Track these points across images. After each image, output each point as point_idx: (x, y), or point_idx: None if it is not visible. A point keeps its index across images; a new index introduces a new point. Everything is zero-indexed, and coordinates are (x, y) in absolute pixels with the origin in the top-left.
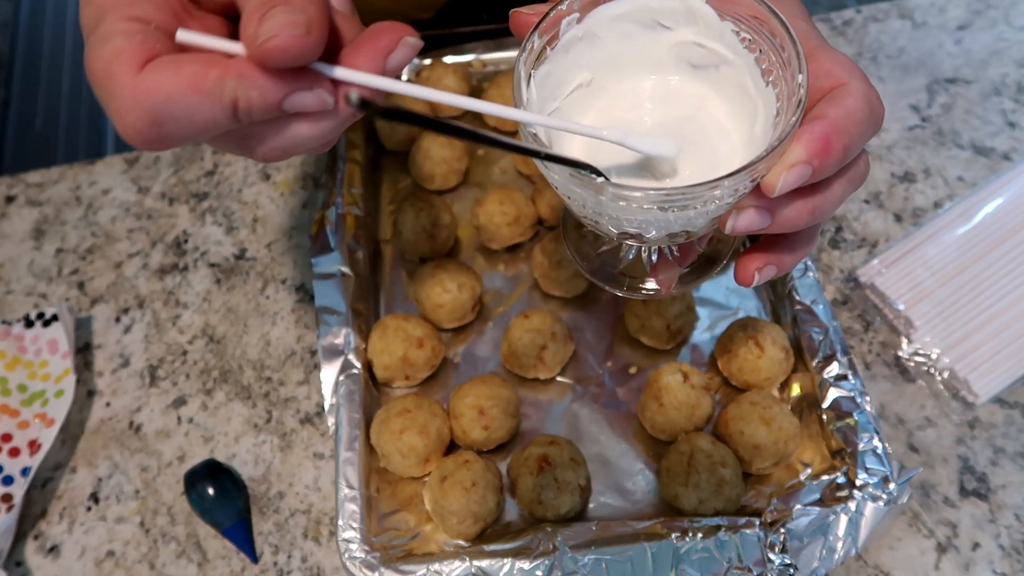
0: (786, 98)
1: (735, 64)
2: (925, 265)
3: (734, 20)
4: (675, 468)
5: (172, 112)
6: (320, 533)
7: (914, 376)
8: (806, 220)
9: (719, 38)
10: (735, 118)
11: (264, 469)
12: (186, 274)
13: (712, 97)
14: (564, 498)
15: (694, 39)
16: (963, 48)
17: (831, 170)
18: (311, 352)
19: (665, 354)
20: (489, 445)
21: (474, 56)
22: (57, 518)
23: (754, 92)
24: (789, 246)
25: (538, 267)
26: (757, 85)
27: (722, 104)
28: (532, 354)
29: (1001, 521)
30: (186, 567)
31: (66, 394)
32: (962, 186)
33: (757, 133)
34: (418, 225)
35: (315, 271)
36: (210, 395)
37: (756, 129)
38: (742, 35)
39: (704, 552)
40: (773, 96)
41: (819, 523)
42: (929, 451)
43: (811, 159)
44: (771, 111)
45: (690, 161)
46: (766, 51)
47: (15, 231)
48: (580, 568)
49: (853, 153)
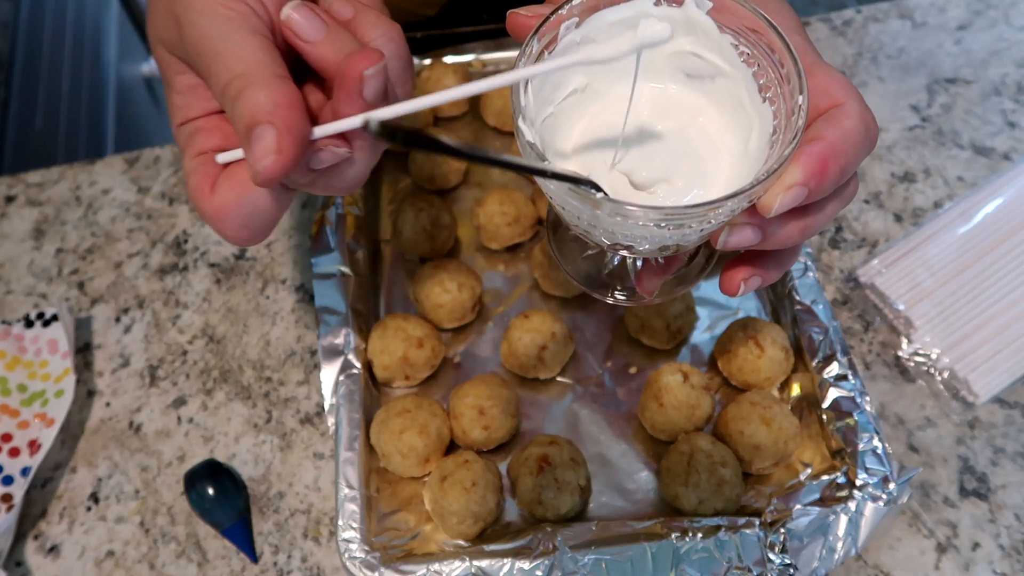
0: (784, 116)
1: (732, 77)
2: (925, 265)
3: (734, 33)
4: (675, 468)
5: (244, 211)
6: (320, 533)
7: (914, 376)
8: (796, 239)
9: (717, 50)
10: (729, 131)
11: (264, 469)
12: (186, 274)
13: (706, 109)
14: (564, 498)
15: (691, 49)
16: (963, 48)
17: (826, 192)
18: (311, 352)
19: (665, 354)
20: (489, 445)
21: (474, 56)
22: (57, 518)
23: (750, 107)
24: (775, 259)
25: (538, 267)
26: (753, 100)
27: (716, 117)
28: (532, 354)
29: (1001, 521)
30: (186, 567)
31: (66, 394)
32: (962, 186)
33: (752, 149)
34: (418, 225)
35: (315, 271)
36: (210, 395)
37: (751, 145)
38: (741, 49)
39: (704, 552)
40: (770, 113)
41: (819, 523)
42: (929, 451)
43: (808, 181)
44: (767, 128)
45: (682, 172)
46: (764, 67)
47: (15, 231)
48: (580, 568)
49: (848, 174)
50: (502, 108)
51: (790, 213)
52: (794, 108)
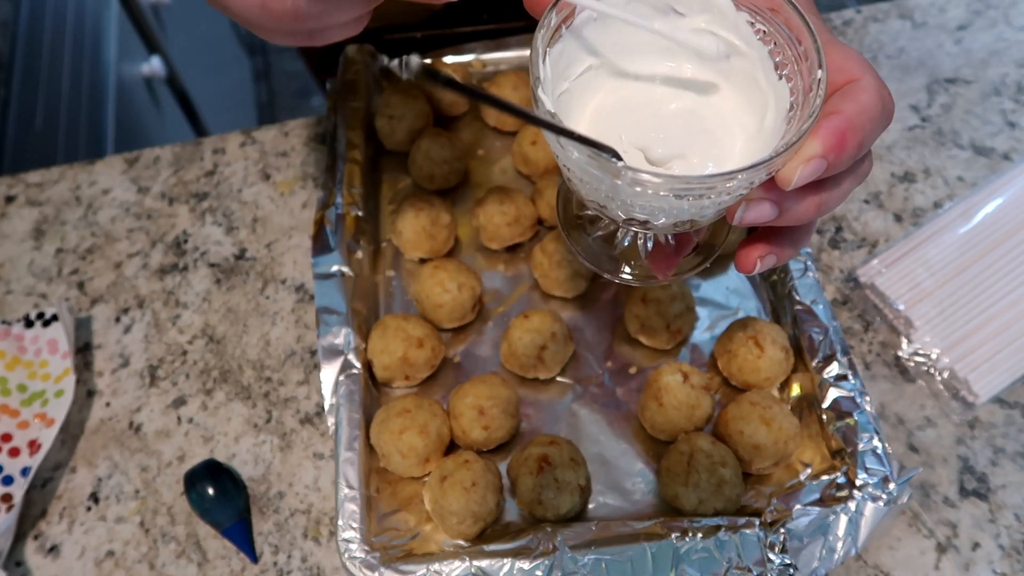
0: (801, 92)
1: (747, 55)
2: (925, 265)
3: (750, 11)
4: (675, 468)
5: None
6: (320, 533)
7: (914, 376)
8: (812, 214)
9: (733, 28)
10: (743, 110)
11: (264, 469)
12: (186, 274)
13: (721, 87)
14: (564, 498)
15: (707, 27)
16: (963, 48)
17: (844, 165)
18: (311, 352)
19: (665, 354)
20: (489, 445)
21: (474, 56)
22: (57, 518)
23: (765, 85)
24: (790, 237)
25: (538, 267)
26: (769, 78)
27: (731, 95)
28: (532, 354)
29: (1001, 521)
30: (186, 567)
31: (66, 394)
32: (962, 186)
33: (767, 126)
34: (418, 225)
35: (315, 271)
36: (210, 395)
37: (766, 122)
38: (757, 27)
39: (704, 552)
40: (787, 90)
41: (819, 523)
42: (929, 451)
43: (827, 154)
44: (784, 105)
45: (696, 150)
46: (781, 44)
47: (15, 231)
48: (580, 568)
49: (865, 149)
50: None
51: (807, 188)
52: (812, 83)
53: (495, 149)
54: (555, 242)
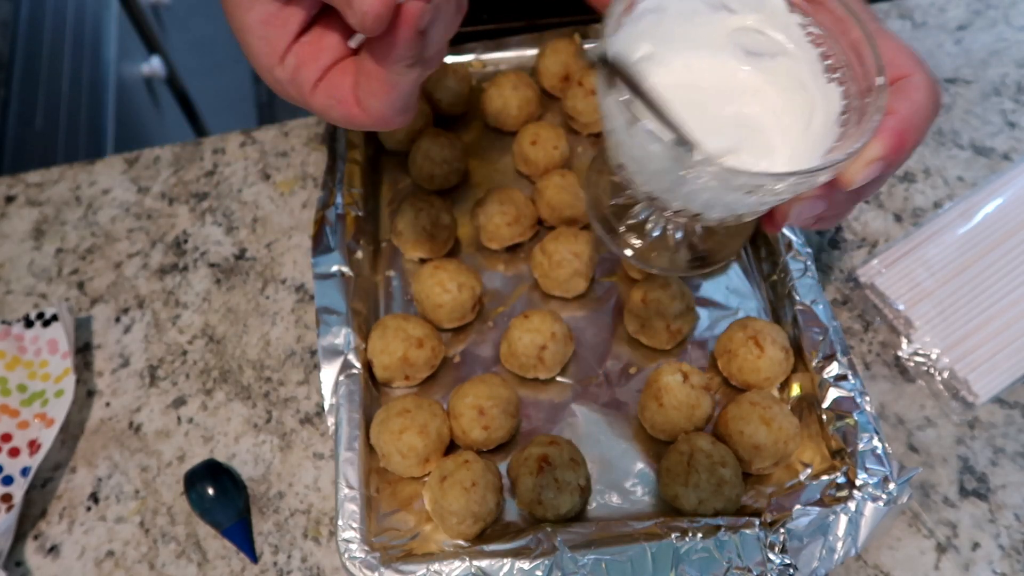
0: (856, 96)
1: (795, 56)
2: (925, 265)
3: (802, 12)
4: (675, 468)
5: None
6: (320, 533)
7: (914, 376)
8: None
9: (783, 29)
10: (786, 111)
11: (264, 469)
12: (186, 274)
13: (764, 86)
14: (564, 498)
15: (755, 26)
16: (963, 48)
17: (901, 164)
18: (311, 352)
19: (665, 354)
20: (489, 445)
21: (474, 56)
22: (57, 518)
23: (812, 87)
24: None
25: (538, 267)
26: (817, 81)
27: (774, 95)
28: (532, 354)
29: (1001, 521)
30: (186, 567)
31: (66, 394)
32: (962, 186)
33: (815, 128)
34: (418, 225)
35: (315, 271)
36: (210, 395)
37: (813, 124)
38: (809, 29)
39: (704, 552)
40: (837, 93)
41: (819, 523)
42: (929, 451)
43: (887, 155)
44: (833, 108)
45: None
46: (834, 47)
47: (15, 231)
48: (580, 568)
49: (918, 146)
50: (501, 108)
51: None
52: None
53: (495, 149)
54: (555, 242)
